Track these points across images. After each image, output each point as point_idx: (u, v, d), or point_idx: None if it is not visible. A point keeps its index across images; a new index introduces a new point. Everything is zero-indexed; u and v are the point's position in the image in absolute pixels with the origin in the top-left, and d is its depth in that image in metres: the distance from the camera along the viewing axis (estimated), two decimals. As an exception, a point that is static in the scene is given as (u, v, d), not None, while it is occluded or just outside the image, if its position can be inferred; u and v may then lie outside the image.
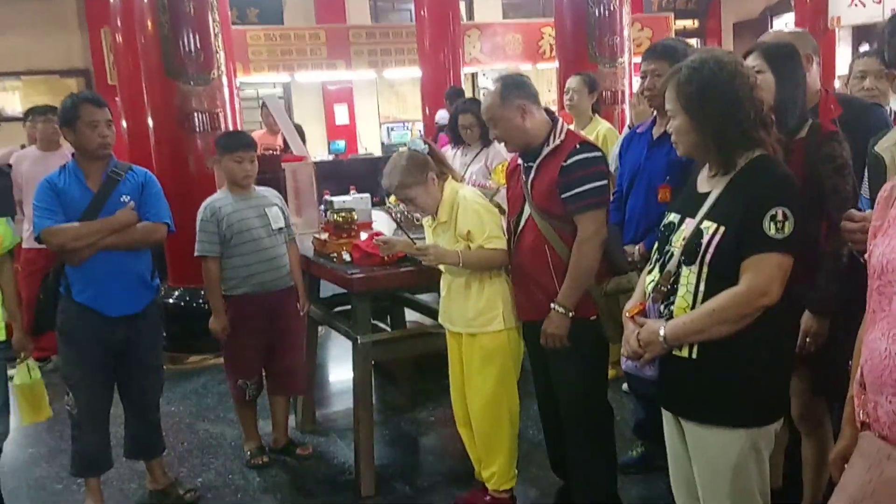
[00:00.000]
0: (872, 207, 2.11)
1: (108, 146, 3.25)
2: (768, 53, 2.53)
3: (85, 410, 3.33)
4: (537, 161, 2.91)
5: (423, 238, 3.27)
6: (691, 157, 2.23)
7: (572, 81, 5.00)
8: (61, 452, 4.09)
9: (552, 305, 2.86)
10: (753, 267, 2.03)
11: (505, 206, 3.21)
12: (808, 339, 2.49)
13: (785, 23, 12.52)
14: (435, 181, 3.07)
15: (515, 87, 2.90)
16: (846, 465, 1.71)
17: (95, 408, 3.35)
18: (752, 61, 2.54)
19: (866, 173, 2.28)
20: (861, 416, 1.69)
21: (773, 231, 2.01)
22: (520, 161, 3.04)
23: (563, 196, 2.82)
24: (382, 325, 4.50)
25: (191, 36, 5.48)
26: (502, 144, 3.11)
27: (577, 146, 2.83)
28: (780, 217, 2.01)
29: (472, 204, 3.03)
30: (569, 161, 2.80)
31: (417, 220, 3.85)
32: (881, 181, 2.03)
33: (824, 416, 2.74)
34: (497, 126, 2.95)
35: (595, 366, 3.02)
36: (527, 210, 2.95)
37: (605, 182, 2.83)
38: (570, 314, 2.85)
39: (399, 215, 3.97)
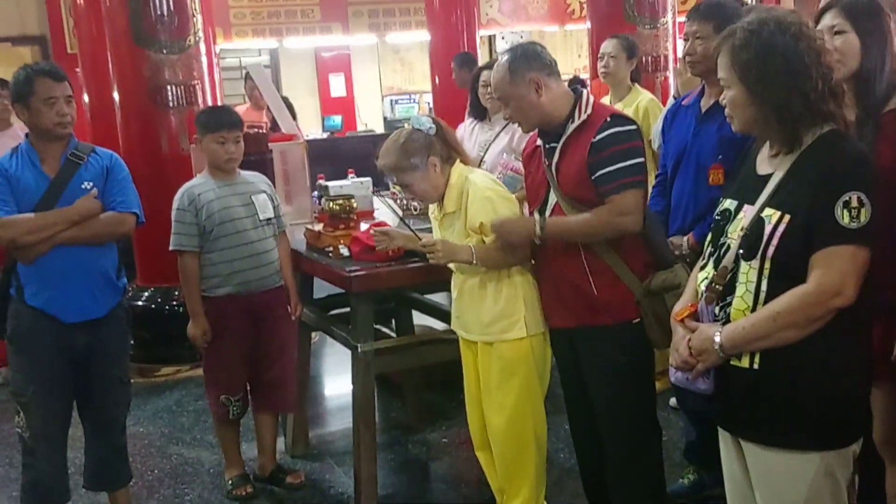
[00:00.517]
0: None
1: (67, 125, 3.24)
2: (850, 10, 2.49)
3: (39, 433, 3.31)
4: (562, 141, 2.89)
5: (430, 231, 3.25)
6: (749, 133, 2.22)
7: (608, 45, 4.97)
8: (11, 482, 4.10)
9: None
10: (824, 262, 2.00)
11: None
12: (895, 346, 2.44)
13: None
14: (437, 167, 3.06)
15: (526, 59, 2.88)
16: None
17: (51, 430, 3.34)
18: (830, 20, 2.50)
19: None
20: None
21: (846, 220, 1.98)
22: (539, 142, 3.01)
23: (594, 176, 2.80)
24: (386, 331, 4.48)
25: (163, -3, 5.47)
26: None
27: (609, 119, 2.82)
28: (854, 203, 1.98)
29: (483, 191, 3.02)
30: (599, 136, 2.79)
31: (415, 209, 3.82)
32: None
33: None
34: (509, 105, 2.95)
35: (639, 377, 3.00)
36: (552, 199, 2.93)
37: (642, 160, 2.82)
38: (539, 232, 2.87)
39: (402, 202, 3.96)
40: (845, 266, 1.99)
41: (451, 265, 3.13)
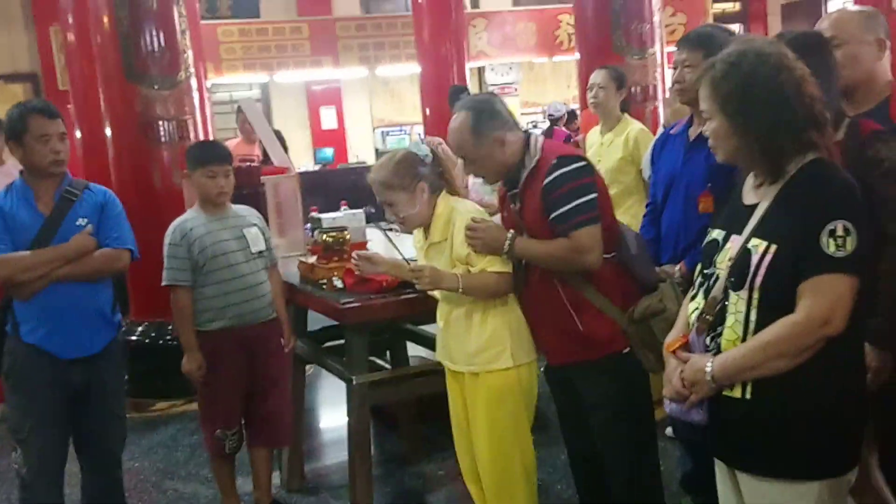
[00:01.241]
0: None
1: (61, 163, 3.27)
2: (797, 46, 2.52)
3: (36, 469, 3.31)
4: (520, 188, 2.95)
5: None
6: (732, 163, 2.23)
7: (597, 76, 5.02)
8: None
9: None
10: (812, 291, 2.01)
11: None
12: (868, 377, 2.46)
13: (843, 2, 12.55)
14: (426, 192, 3.07)
15: (489, 117, 2.92)
16: None
17: (48, 465, 3.33)
18: None
19: None
20: None
21: (832, 248, 1.99)
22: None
23: (550, 218, 2.85)
24: (381, 362, 4.49)
25: (154, 33, 5.52)
26: None
27: (555, 161, 2.85)
28: (840, 232, 1.99)
29: (470, 221, 3.03)
30: (548, 179, 2.83)
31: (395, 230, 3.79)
32: None
33: (883, 482, 2.66)
34: (474, 164, 2.99)
35: (635, 405, 3.01)
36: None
37: (593, 196, 2.84)
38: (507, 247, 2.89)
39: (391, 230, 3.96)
40: (833, 295, 1.99)
41: (437, 295, 3.14)
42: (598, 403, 2.99)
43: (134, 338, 5.75)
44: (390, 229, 3.99)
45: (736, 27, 13.82)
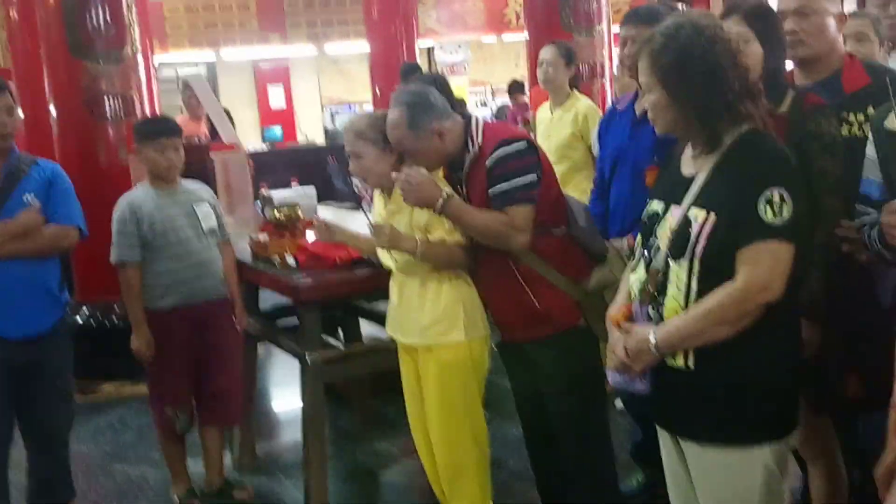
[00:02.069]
0: (888, 192, 2.16)
1: (8, 137, 3.21)
2: (750, 17, 2.56)
3: None
4: (464, 173, 2.98)
5: None
6: (671, 134, 2.26)
7: (546, 52, 5.03)
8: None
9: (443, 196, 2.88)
10: (750, 258, 2.04)
11: None
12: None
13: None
14: (393, 155, 3.06)
15: (423, 111, 2.93)
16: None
17: None
18: (734, 27, 2.56)
19: (873, 153, 2.28)
20: None
21: (769, 216, 2.02)
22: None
23: (489, 193, 2.87)
24: (332, 340, 4.46)
25: (99, 7, 5.43)
26: None
27: (497, 143, 2.89)
28: (776, 199, 2.03)
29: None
30: (489, 162, 2.88)
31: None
32: None
33: (831, 439, 2.73)
34: (414, 157, 3.00)
35: (589, 378, 3.05)
36: None
37: (532, 176, 2.87)
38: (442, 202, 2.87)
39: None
40: (771, 261, 2.04)
41: (392, 266, 3.13)
42: (552, 375, 3.03)
43: (80, 319, 5.65)
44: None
45: (680, 6, 13.92)
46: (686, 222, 2.11)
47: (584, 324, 2.95)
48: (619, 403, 4.20)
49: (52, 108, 5.78)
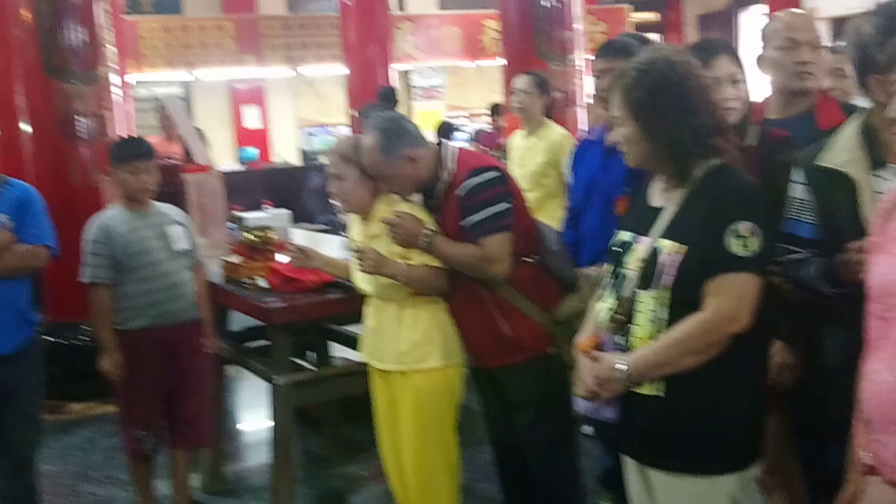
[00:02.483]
0: (824, 231, 2.20)
1: None
2: (741, 60, 2.63)
3: None
4: (437, 200, 3.02)
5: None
6: (643, 167, 2.30)
7: (520, 82, 5.09)
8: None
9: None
10: (718, 289, 2.08)
11: None
12: (780, 373, 2.53)
13: (754, 14, 12.92)
14: (371, 182, 3.07)
15: (396, 137, 2.97)
16: None
17: None
18: (727, 68, 2.63)
19: (801, 194, 2.32)
20: (865, 458, 1.73)
21: (736, 248, 2.06)
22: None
23: (462, 225, 2.92)
24: (302, 363, 4.46)
25: (75, 27, 5.43)
26: None
27: (469, 172, 2.93)
28: (743, 232, 2.06)
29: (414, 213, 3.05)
30: (462, 192, 2.92)
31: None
32: (842, 199, 2.14)
33: (794, 470, 2.74)
34: (388, 182, 3.03)
35: (559, 404, 3.05)
36: None
37: (506, 205, 2.93)
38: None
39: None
40: (738, 292, 2.07)
41: (369, 290, 3.14)
42: (522, 402, 3.07)
43: (49, 339, 5.60)
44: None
45: (655, 37, 14.11)
46: (654, 253, 2.14)
47: (555, 350, 2.97)
48: (588, 429, 4.22)
49: (25, 127, 5.76)
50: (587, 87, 7.07)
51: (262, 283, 3.56)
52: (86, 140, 5.54)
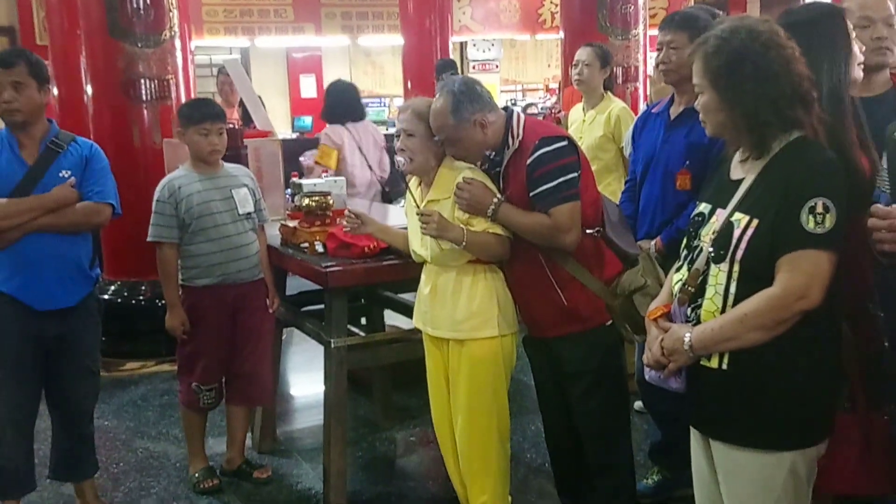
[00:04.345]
0: (893, 201, 2.16)
1: (14, 112, 3.19)
2: (801, 20, 2.54)
3: (7, 418, 3.29)
4: (503, 168, 2.98)
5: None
6: (721, 137, 2.27)
7: (582, 53, 5.03)
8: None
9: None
10: (789, 266, 2.04)
11: None
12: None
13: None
14: (437, 150, 3.06)
15: (468, 101, 2.93)
16: None
17: (19, 416, 3.32)
18: None
19: (884, 163, 2.27)
20: None
21: (811, 225, 2.02)
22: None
23: (531, 195, 2.89)
24: (355, 329, 4.50)
25: (140, -11, 5.46)
26: None
27: (538, 141, 2.89)
28: (819, 209, 2.02)
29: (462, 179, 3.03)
30: (530, 160, 2.88)
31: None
32: None
33: None
34: (454, 146, 3.01)
35: (613, 377, 3.10)
36: None
37: (575, 174, 2.89)
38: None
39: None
40: (810, 270, 2.03)
41: (426, 256, 3.13)
42: (577, 373, 3.06)
43: (106, 297, 5.72)
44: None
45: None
46: (729, 226, 2.12)
47: (611, 323, 2.97)
48: (638, 404, 4.22)
49: (87, 88, 5.82)
50: (648, 62, 6.98)
51: (319, 247, 3.58)
52: (148, 102, 5.59)
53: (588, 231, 2.96)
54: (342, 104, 5.69)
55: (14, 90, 3.18)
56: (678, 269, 2.30)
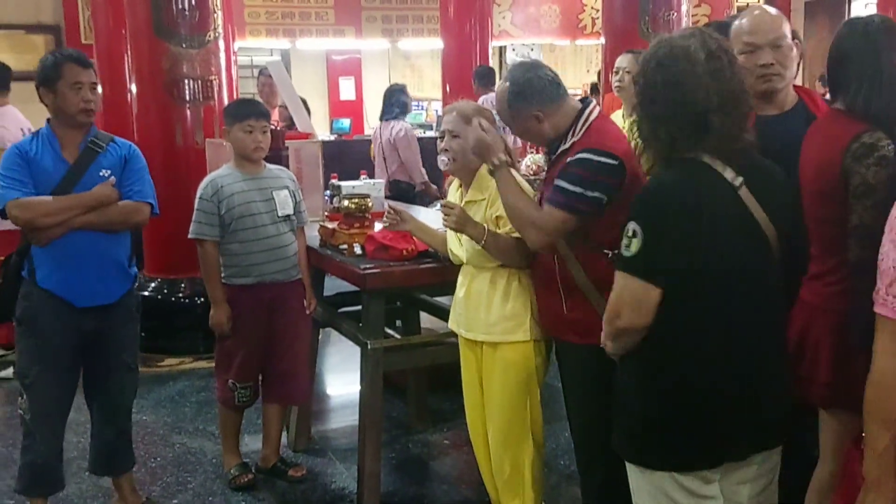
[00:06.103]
0: None
1: (91, 112, 3.29)
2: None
3: (39, 415, 3.33)
4: (553, 158, 2.95)
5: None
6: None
7: (623, 60, 5.00)
8: (14, 463, 4.07)
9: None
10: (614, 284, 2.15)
11: None
12: None
13: (865, 4, 12.46)
14: None
15: (525, 96, 2.87)
16: None
17: (51, 412, 3.36)
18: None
19: None
20: None
21: (622, 247, 2.10)
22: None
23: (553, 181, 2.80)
24: (390, 331, 4.50)
25: (186, -10, 5.52)
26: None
27: (591, 146, 2.75)
28: (629, 233, 2.07)
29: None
30: (574, 157, 2.75)
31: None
32: None
33: None
34: (512, 128, 3.06)
35: (602, 399, 2.99)
36: None
37: (600, 195, 2.68)
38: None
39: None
40: (618, 290, 2.12)
41: (462, 256, 3.13)
42: (569, 385, 3.02)
43: (146, 294, 5.78)
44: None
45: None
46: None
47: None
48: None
49: (132, 87, 5.90)
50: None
51: (357, 249, 3.59)
52: (191, 102, 5.65)
53: (608, 253, 2.74)
54: None
55: (92, 91, 3.26)
56: None
